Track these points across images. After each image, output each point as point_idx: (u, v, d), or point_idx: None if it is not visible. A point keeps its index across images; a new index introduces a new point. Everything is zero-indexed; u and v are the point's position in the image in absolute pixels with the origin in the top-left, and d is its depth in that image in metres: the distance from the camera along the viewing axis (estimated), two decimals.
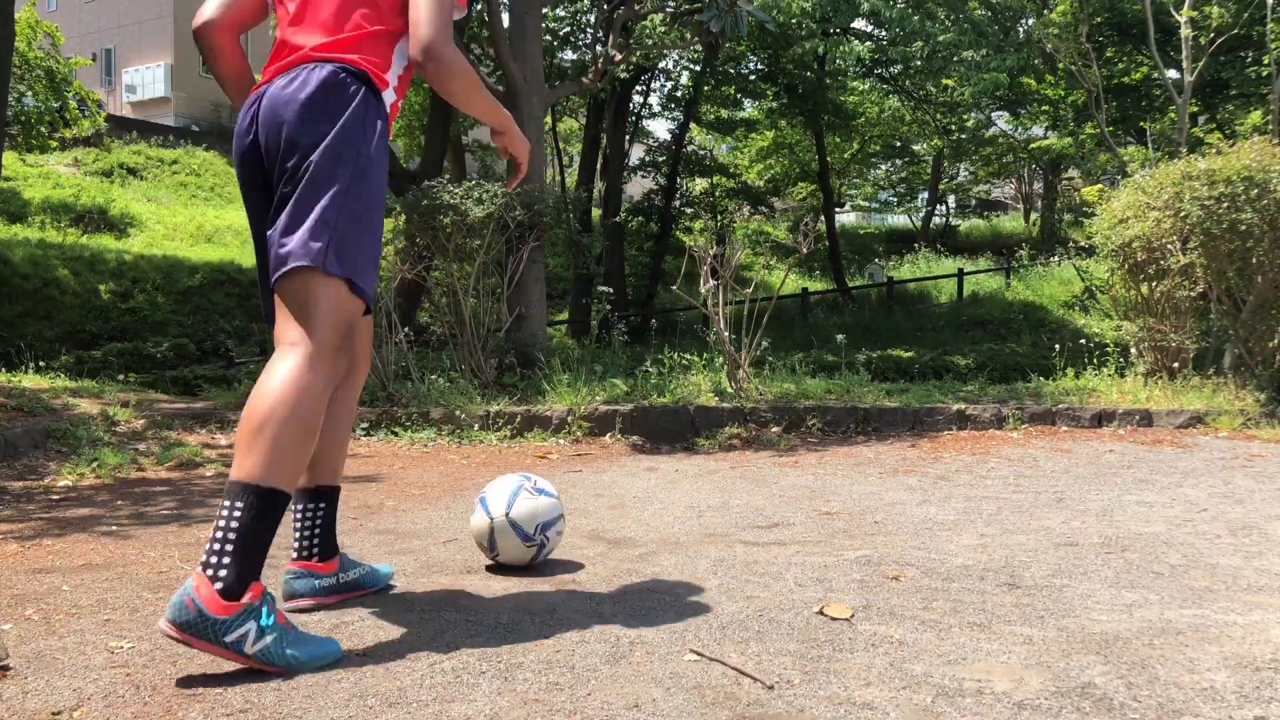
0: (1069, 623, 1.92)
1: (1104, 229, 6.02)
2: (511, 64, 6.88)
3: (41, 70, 14.50)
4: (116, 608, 2.04)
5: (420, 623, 1.94)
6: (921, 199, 29.72)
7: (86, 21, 32.91)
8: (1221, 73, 14.83)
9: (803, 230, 5.89)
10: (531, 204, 6.26)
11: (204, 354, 12.41)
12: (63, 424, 4.60)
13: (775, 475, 3.94)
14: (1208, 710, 1.49)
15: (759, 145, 24.09)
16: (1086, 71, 12.18)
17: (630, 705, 1.51)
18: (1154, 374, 5.80)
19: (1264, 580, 2.24)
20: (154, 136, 26.74)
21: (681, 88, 18.99)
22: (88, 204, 19.37)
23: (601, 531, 2.87)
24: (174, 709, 1.50)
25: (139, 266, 14.45)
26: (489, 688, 1.59)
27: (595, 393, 5.41)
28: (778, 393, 5.49)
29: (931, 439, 4.86)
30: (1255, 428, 4.95)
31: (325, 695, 1.56)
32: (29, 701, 1.52)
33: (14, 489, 3.59)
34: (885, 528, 2.88)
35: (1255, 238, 5.32)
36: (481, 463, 4.37)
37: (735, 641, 1.81)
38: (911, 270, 23.82)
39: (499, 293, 6.41)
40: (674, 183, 19.42)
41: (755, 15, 6.72)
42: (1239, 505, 3.16)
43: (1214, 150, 5.77)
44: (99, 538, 2.77)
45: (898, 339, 15.76)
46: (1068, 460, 4.17)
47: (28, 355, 8.68)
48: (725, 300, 5.57)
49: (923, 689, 1.57)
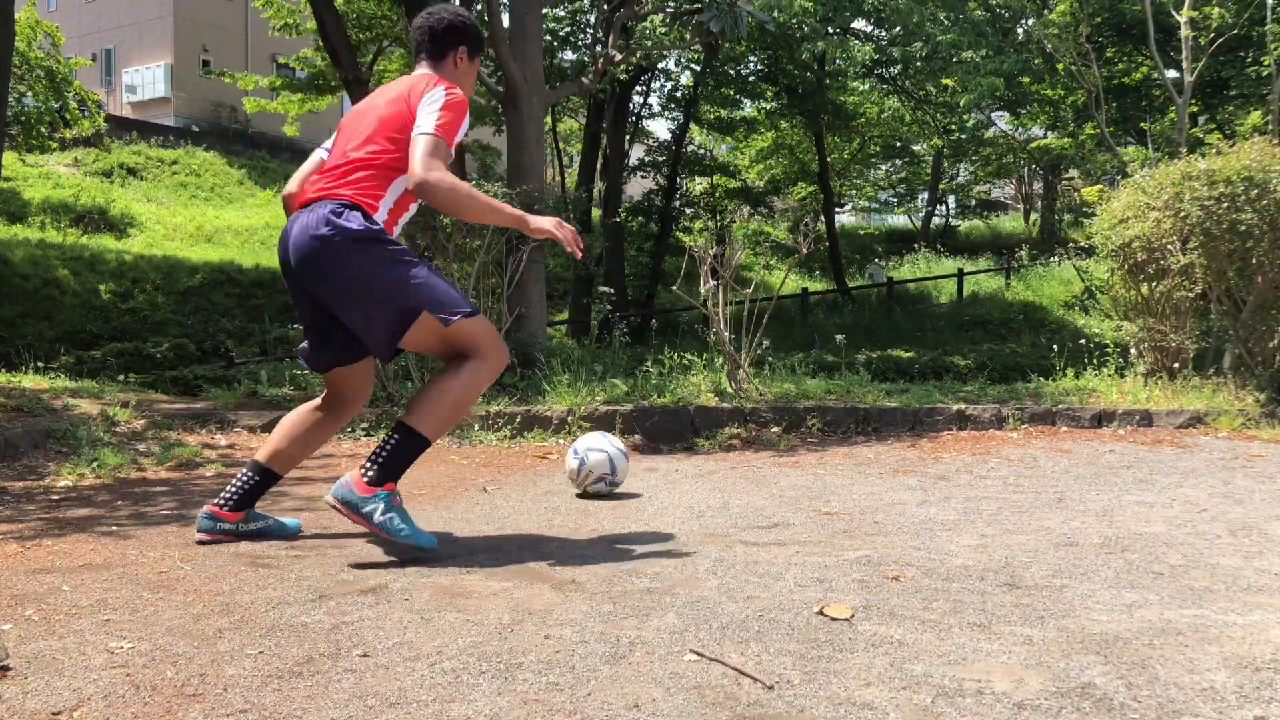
0: (1069, 623, 1.92)
1: (1104, 229, 6.02)
2: (511, 64, 6.88)
3: (41, 70, 14.51)
4: (116, 608, 2.04)
5: (420, 623, 1.94)
6: (921, 199, 29.72)
7: (86, 21, 32.91)
8: (1221, 72, 14.83)
9: (803, 230, 5.89)
10: (531, 204, 6.26)
11: (204, 354, 12.41)
12: (63, 424, 4.60)
13: (775, 475, 3.94)
14: (1208, 710, 1.49)
15: (759, 146, 24.09)
16: (1086, 72, 12.18)
17: (630, 705, 1.51)
18: (1154, 374, 5.80)
19: (1264, 580, 2.24)
20: (154, 137, 26.75)
21: (681, 88, 19.01)
22: (88, 204, 19.38)
23: (602, 532, 2.87)
24: (174, 709, 1.50)
25: (139, 267, 14.46)
26: (489, 688, 1.59)
27: (595, 393, 5.41)
28: (778, 393, 5.49)
29: (931, 439, 4.86)
30: (1255, 428, 4.95)
31: (325, 695, 1.56)
32: (29, 701, 1.52)
33: (14, 489, 3.59)
34: (885, 528, 2.88)
35: (1255, 238, 5.32)
36: (481, 463, 4.37)
37: (735, 641, 1.81)
38: (911, 270, 23.82)
39: (499, 293, 6.41)
40: (674, 183, 19.42)
41: (755, 15, 6.72)
42: (1239, 505, 3.16)
43: (1214, 150, 5.77)
44: (99, 538, 2.77)
45: (898, 339, 15.76)
46: (1068, 460, 4.17)
47: (28, 355, 8.67)
48: (725, 300, 5.57)
49: (923, 689, 1.57)
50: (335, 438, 5.10)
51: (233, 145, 28.78)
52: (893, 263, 24.92)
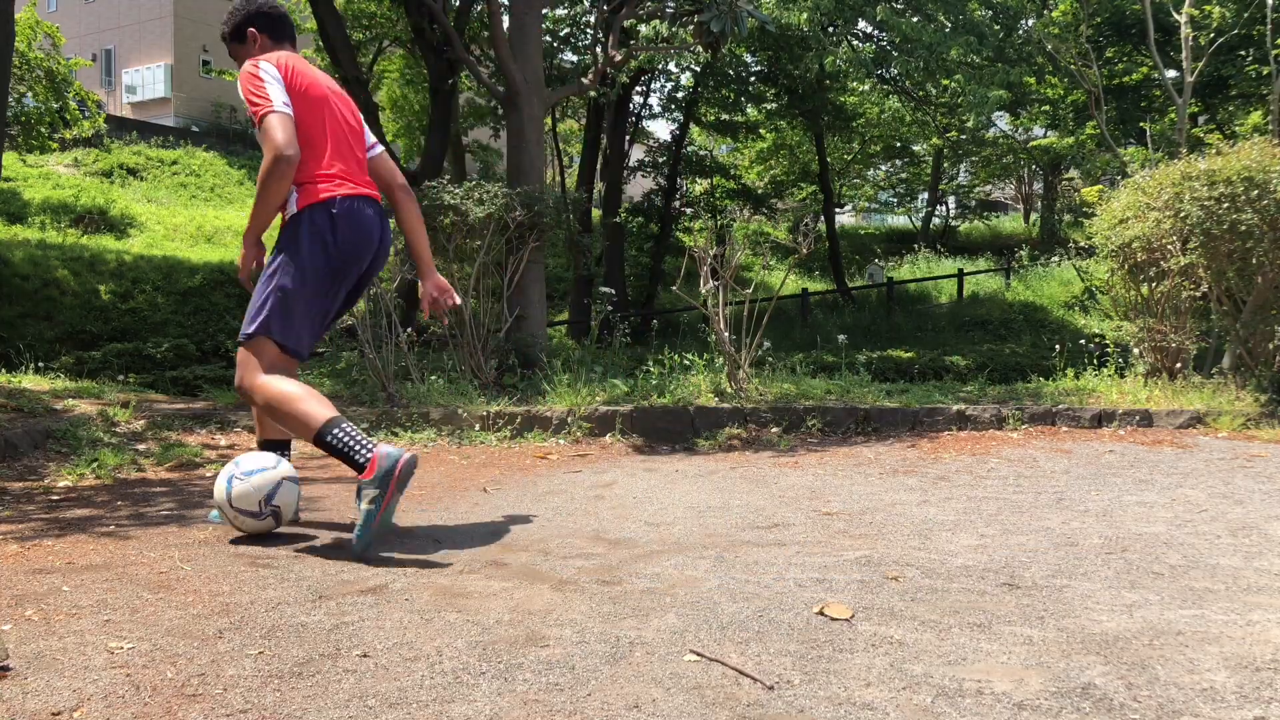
0: (1069, 623, 1.92)
1: (1104, 229, 6.02)
2: (512, 65, 6.88)
3: (41, 70, 14.50)
4: (116, 608, 2.04)
5: (420, 623, 1.94)
6: (921, 200, 29.71)
7: (86, 21, 32.92)
8: (1221, 72, 14.84)
9: (803, 230, 5.89)
10: (531, 204, 6.26)
11: (204, 354, 12.40)
12: (62, 424, 4.60)
13: (775, 476, 3.94)
14: (1208, 710, 1.49)
15: (759, 147, 24.09)
16: (1086, 72, 12.18)
17: (630, 705, 1.51)
18: (1154, 374, 5.80)
19: (1264, 580, 2.24)
20: (154, 137, 26.73)
21: (682, 88, 19.01)
22: (88, 204, 19.37)
23: (602, 532, 2.87)
24: (174, 709, 1.50)
25: (139, 267, 14.44)
26: (489, 688, 1.59)
27: (595, 393, 5.41)
28: (778, 393, 5.49)
29: (931, 439, 4.85)
30: (1255, 428, 4.95)
31: (325, 695, 1.56)
32: (29, 701, 1.52)
33: (14, 489, 3.59)
34: (885, 528, 2.88)
35: (1255, 238, 5.32)
36: (482, 463, 4.37)
37: (735, 641, 1.81)
38: (911, 271, 23.80)
39: (499, 293, 6.41)
40: (674, 183, 19.42)
41: (756, 16, 6.71)
42: (1239, 505, 3.16)
43: (1214, 150, 5.77)
44: (99, 538, 2.77)
45: (898, 339, 15.77)
46: (1068, 460, 4.17)
47: (28, 356, 8.67)
48: (725, 301, 5.57)
49: (923, 689, 1.57)
50: None
51: (232, 145, 28.78)
52: (893, 263, 24.90)
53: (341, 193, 2.75)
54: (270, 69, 2.72)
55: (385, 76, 17.53)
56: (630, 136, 18.48)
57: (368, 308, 5.72)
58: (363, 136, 2.96)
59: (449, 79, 10.23)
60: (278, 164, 2.62)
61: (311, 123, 2.75)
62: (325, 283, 2.77)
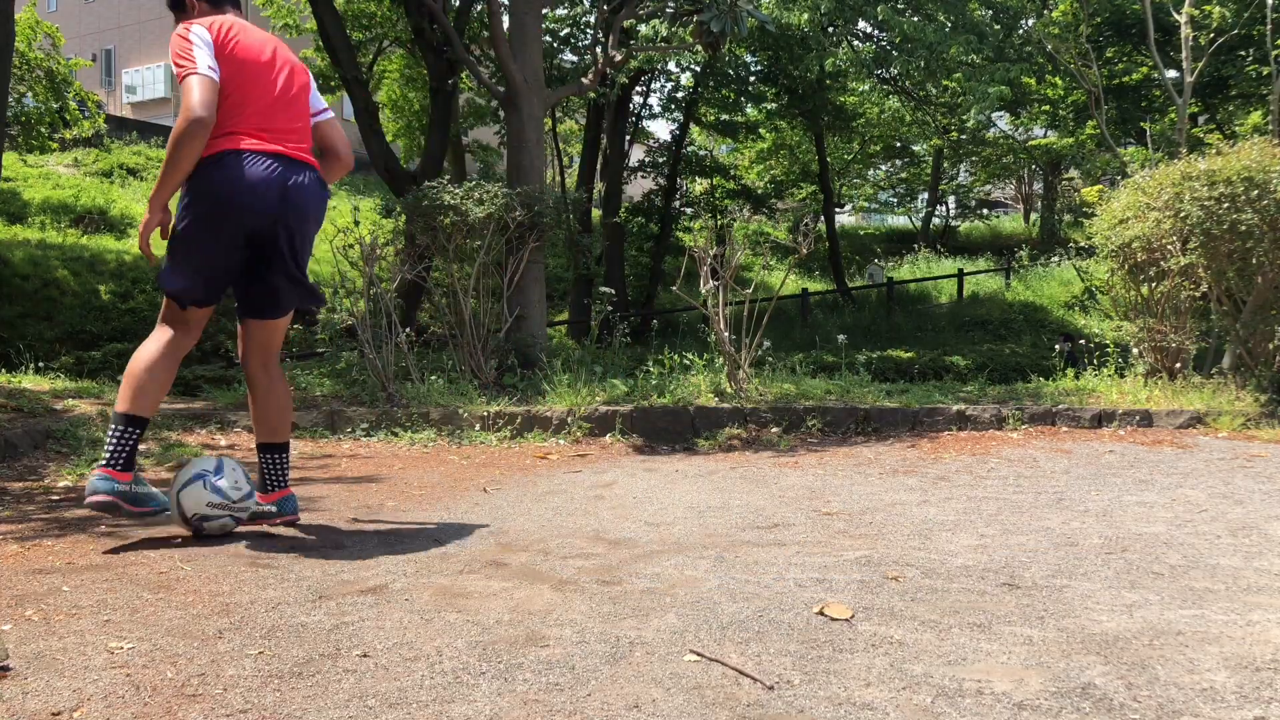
0: (1069, 623, 1.92)
1: (1104, 229, 6.02)
2: (512, 65, 6.88)
3: (41, 71, 14.48)
4: (116, 608, 2.04)
5: (420, 623, 1.94)
6: (921, 199, 29.72)
7: (86, 22, 32.92)
8: (1221, 72, 14.84)
9: (802, 230, 5.88)
10: (531, 204, 6.26)
11: (203, 354, 12.39)
12: (62, 424, 4.60)
13: (775, 476, 3.94)
14: (1208, 710, 1.49)
15: (759, 147, 24.09)
16: (1086, 71, 12.18)
17: (630, 705, 1.51)
18: (1154, 374, 5.80)
19: (1264, 580, 2.24)
20: (154, 137, 26.70)
21: (682, 89, 19.01)
22: (88, 204, 19.35)
23: (602, 532, 2.87)
24: (174, 709, 1.50)
25: (139, 267, 14.44)
26: (489, 688, 1.59)
27: (595, 393, 5.41)
28: (778, 393, 5.49)
29: (931, 439, 4.85)
30: (1255, 428, 4.95)
31: (325, 695, 1.56)
32: (29, 701, 1.52)
33: (14, 489, 3.59)
34: (885, 528, 2.88)
35: (1255, 238, 5.32)
36: (482, 463, 4.37)
37: (735, 641, 1.81)
38: (911, 271, 23.81)
39: (499, 293, 6.41)
40: (674, 183, 19.42)
41: (756, 16, 6.71)
42: (1239, 505, 3.16)
43: (1214, 150, 5.77)
44: (99, 538, 2.77)
45: (898, 339, 15.77)
46: (1068, 460, 4.17)
47: (27, 356, 8.67)
48: (725, 301, 5.57)
49: (923, 689, 1.57)
50: (336, 438, 5.10)
51: None
52: (892, 263, 24.91)
53: (241, 146, 2.69)
54: (201, 33, 2.72)
55: (385, 76, 17.51)
56: (630, 136, 18.48)
57: (368, 308, 5.72)
58: (301, 101, 2.88)
59: (449, 79, 10.22)
60: (189, 125, 2.58)
61: (238, 84, 2.72)
62: (205, 231, 2.71)
